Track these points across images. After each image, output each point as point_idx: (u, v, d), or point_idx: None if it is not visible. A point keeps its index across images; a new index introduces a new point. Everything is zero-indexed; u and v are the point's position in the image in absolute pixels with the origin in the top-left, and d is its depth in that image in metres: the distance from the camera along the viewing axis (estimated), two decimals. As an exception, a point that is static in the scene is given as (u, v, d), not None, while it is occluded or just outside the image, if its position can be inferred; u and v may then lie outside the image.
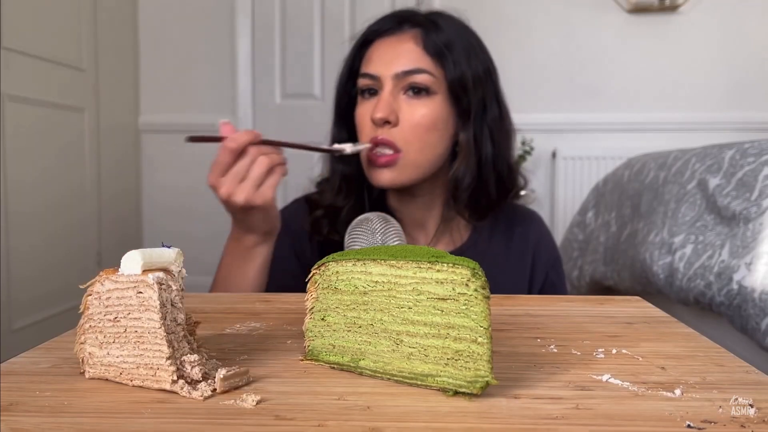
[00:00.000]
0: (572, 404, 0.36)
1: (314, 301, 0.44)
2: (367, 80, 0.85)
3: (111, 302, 0.40)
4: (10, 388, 0.38)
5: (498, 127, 0.89)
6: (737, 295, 1.04)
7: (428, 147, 0.84)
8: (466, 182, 0.86)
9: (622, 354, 0.46)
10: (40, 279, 2.14)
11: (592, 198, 1.97)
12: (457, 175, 0.86)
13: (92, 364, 0.41)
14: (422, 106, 0.83)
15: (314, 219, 0.91)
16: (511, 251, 0.93)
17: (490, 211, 0.90)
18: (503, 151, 0.89)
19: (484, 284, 0.37)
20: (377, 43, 0.87)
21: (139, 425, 0.33)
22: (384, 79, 0.83)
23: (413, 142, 0.83)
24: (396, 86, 0.83)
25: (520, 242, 0.93)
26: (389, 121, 0.82)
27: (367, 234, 0.63)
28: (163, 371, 0.38)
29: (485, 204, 0.88)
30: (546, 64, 2.76)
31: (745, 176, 1.17)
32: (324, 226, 0.90)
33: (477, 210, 0.89)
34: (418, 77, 0.83)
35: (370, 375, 0.41)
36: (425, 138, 0.83)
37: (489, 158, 0.87)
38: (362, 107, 0.86)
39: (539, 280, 0.92)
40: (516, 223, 0.94)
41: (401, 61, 0.84)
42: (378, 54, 0.86)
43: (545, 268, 0.93)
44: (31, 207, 2.10)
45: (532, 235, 0.94)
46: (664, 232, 1.33)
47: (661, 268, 1.29)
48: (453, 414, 0.35)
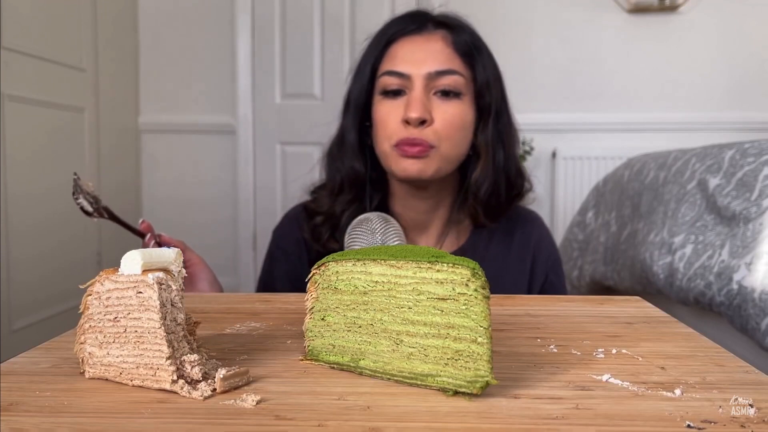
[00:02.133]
0: (572, 404, 0.36)
1: (314, 301, 0.44)
2: (394, 79, 0.83)
3: (111, 302, 0.40)
4: (10, 388, 0.38)
5: (508, 130, 0.89)
6: (737, 295, 1.04)
7: (458, 145, 0.85)
8: (486, 185, 0.86)
9: (622, 354, 0.46)
10: (40, 279, 2.14)
11: (592, 198, 1.97)
12: (478, 178, 0.87)
13: (92, 364, 0.41)
14: (453, 106, 0.83)
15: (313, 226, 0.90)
16: (512, 252, 0.93)
17: (502, 213, 0.90)
18: (513, 155, 0.90)
19: (484, 284, 0.37)
20: (402, 42, 0.86)
21: (139, 425, 0.33)
22: (414, 78, 0.82)
23: (446, 140, 0.82)
24: (427, 86, 0.82)
25: (521, 243, 0.93)
26: (425, 120, 0.81)
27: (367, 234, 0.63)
28: (163, 371, 0.38)
29: (496, 206, 0.88)
30: (546, 64, 2.76)
31: (745, 176, 1.17)
32: (324, 233, 0.89)
33: (489, 212, 0.89)
34: (450, 79, 0.82)
35: (370, 375, 0.41)
36: (456, 136, 0.84)
37: (501, 161, 0.88)
38: (387, 106, 0.84)
39: (539, 280, 0.92)
40: (516, 224, 0.94)
41: (432, 60, 0.83)
42: (405, 52, 0.84)
43: (545, 268, 0.93)
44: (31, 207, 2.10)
45: (533, 236, 0.94)
46: (664, 232, 1.33)
47: (661, 268, 1.29)
48: (453, 414, 0.35)
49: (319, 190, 0.93)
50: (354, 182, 0.89)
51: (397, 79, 0.83)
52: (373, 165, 0.90)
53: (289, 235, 0.93)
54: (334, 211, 0.89)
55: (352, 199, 0.89)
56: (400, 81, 0.83)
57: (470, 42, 0.86)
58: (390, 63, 0.85)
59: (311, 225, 0.90)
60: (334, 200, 0.89)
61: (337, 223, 0.88)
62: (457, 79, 0.83)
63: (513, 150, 0.90)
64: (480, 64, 0.85)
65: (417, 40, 0.85)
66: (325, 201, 0.90)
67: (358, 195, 0.89)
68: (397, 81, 0.83)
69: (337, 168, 0.90)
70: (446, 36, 0.85)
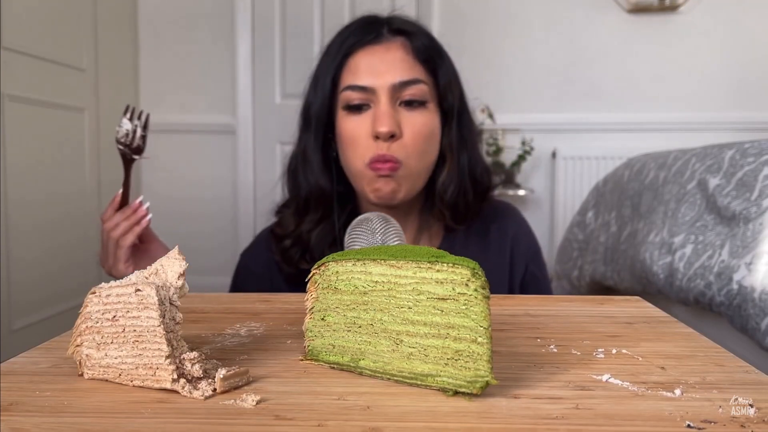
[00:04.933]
0: (572, 404, 0.36)
1: (314, 301, 0.44)
2: (357, 93, 0.81)
3: (111, 300, 0.40)
4: (10, 388, 0.38)
5: (469, 129, 0.88)
6: (737, 295, 1.04)
7: (426, 156, 0.84)
8: (452, 188, 0.85)
9: (622, 354, 0.46)
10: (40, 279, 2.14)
11: (592, 198, 1.97)
12: (444, 182, 0.86)
13: (90, 366, 0.41)
14: (420, 116, 0.82)
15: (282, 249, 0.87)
16: (489, 247, 0.91)
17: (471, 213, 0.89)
18: (477, 153, 0.89)
19: (484, 284, 0.37)
20: (362, 53, 0.83)
21: (139, 425, 0.33)
22: (379, 90, 0.80)
23: (413, 155, 0.81)
24: (392, 97, 0.80)
25: (497, 237, 0.92)
26: (394, 134, 0.80)
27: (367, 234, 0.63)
28: (163, 370, 0.38)
29: (464, 207, 0.87)
30: (546, 64, 2.76)
31: (745, 176, 1.17)
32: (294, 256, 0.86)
33: (457, 214, 0.88)
34: (415, 89, 0.81)
35: (370, 375, 0.41)
36: (424, 148, 0.83)
37: (466, 163, 0.87)
38: (353, 122, 0.82)
39: (519, 272, 0.91)
40: (491, 218, 0.93)
41: (395, 71, 0.81)
42: (367, 65, 0.82)
43: (524, 260, 0.91)
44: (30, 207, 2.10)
45: (509, 228, 0.93)
46: (664, 232, 1.33)
47: (661, 268, 1.29)
48: (453, 414, 0.35)
49: (284, 209, 0.90)
50: (320, 199, 0.86)
51: (361, 93, 0.81)
52: (339, 179, 0.87)
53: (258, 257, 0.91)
54: (301, 232, 0.86)
55: (319, 218, 0.86)
56: (363, 95, 0.81)
57: (429, 46, 0.84)
58: (351, 77, 0.82)
59: (280, 248, 0.87)
60: (300, 220, 0.87)
61: (306, 244, 0.86)
62: (422, 88, 0.81)
63: (476, 149, 0.89)
64: (441, 68, 0.84)
65: (377, 50, 0.82)
66: (290, 221, 0.87)
67: (326, 212, 0.87)
68: (360, 95, 0.81)
69: (301, 185, 0.87)
70: (405, 43, 0.83)
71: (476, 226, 0.92)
